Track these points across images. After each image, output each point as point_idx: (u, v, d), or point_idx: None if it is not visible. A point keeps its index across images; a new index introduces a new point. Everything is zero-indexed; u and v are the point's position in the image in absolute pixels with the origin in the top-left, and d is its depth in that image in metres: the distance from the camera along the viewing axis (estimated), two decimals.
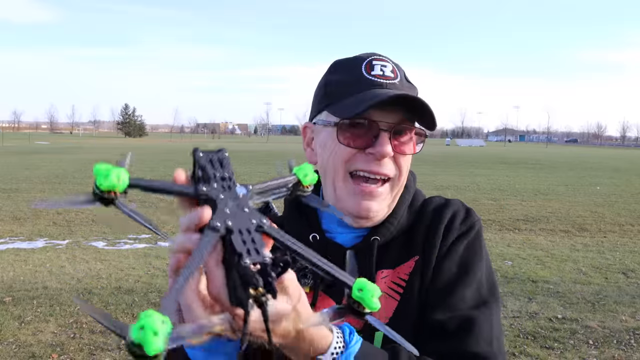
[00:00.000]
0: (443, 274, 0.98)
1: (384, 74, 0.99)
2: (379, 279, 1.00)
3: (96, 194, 0.53)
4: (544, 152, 60.61)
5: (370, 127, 0.95)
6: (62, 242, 8.43)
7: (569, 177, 22.23)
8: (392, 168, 0.98)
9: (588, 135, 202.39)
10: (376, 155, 0.95)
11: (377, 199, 0.97)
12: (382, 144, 0.94)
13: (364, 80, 0.98)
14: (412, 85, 1.04)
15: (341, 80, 1.01)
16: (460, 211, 1.07)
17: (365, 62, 1.01)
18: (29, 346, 4.51)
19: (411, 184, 1.10)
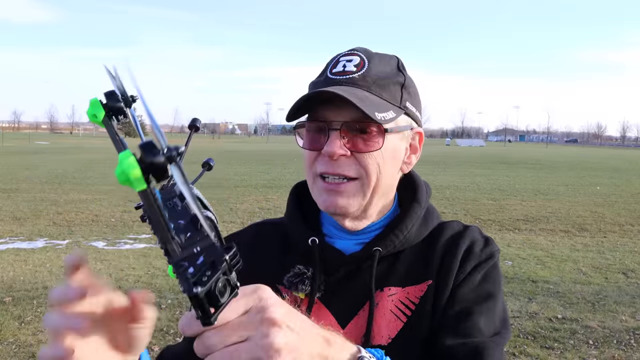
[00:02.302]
0: (458, 299, 0.95)
1: (343, 70, 0.95)
2: (385, 296, 0.96)
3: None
4: (544, 152, 60.60)
5: (322, 127, 0.94)
6: (62, 242, 8.42)
7: (569, 177, 22.23)
8: (353, 168, 0.93)
9: (588, 135, 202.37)
10: (325, 155, 0.93)
11: (343, 194, 0.94)
12: (330, 142, 0.92)
13: (325, 80, 0.97)
14: (391, 74, 0.98)
15: (312, 83, 1.01)
16: (480, 239, 1.02)
17: (333, 61, 0.99)
18: (29, 346, 4.51)
19: (423, 198, 1.05)
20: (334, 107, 0.92)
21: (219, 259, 0.49)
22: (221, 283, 0.50)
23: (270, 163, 27.97)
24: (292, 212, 1.07)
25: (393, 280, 0.98)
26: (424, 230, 1.02)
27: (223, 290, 0.50)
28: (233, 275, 0.51)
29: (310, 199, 1.07)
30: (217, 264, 0.49)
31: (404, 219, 1.00)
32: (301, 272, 0.97)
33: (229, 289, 0.51)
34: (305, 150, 0.98)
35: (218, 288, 0.49)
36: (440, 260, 0.99)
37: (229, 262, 0.50)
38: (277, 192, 14.82)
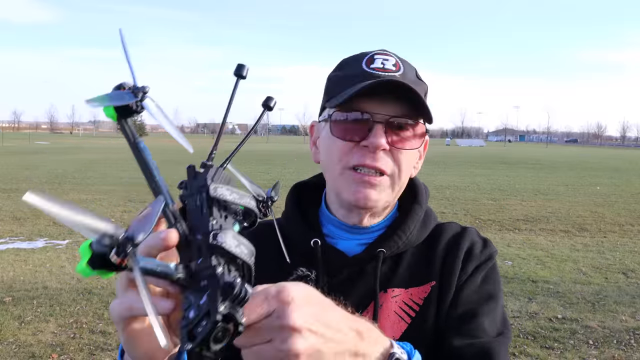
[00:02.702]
0: (462, 301, 0.96)
1: (384, 67, 0.95)
2: (389, 297, 0.96)
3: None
4: (544, 152, 60.60)
5: (365, 120, 0.92)
6: (62, 242, 8.43)
7: (569, 177, 22.23)
8: (390, 164, 0.94)
9: (588, 135, 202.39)
10: (370, 147, 0.91)
11: (376, 188, 0.93)
12: (375, 135, 0.90)
13: (363, 73, 0.95)
14: (419, 82, 0.99)
15: (341, 75, 0.99)
16: (479, 240, 1.04)
17: (367, 57, 0.98)
18: (29, 346, 4.51)
19: (424, 199, 1.07)
20: (377, 101, 0.92)
21: (214, 308, 0.48)
22: (217, 332, 0.48)
23: (270, 163, 27.97)
24: (291, 212, 1.06)
25: (396, 282, 0.98)
26: (424, 232, 1.03)
27: (221, 337, 0.49)
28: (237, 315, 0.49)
29: (310, 199, 1.07)
30: (212, 313, 0.48)
31: (406, 221, 1.01)
32: (304, 275, 0.96)
33: (229, 333, 0.49)
34: (335, 141, 0.94)
35: (214, 338, 0.48)
36: (442, 261, 1.00)
37: (228, 309, 0.48)
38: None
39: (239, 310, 0.49)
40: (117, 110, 0.56)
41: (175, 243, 0.54)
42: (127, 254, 0.44)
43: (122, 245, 0.44)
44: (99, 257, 0.44)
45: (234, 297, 0.49)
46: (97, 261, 0.44)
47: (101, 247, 0.43)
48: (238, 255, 0.52)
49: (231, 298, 0.49)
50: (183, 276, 0.51)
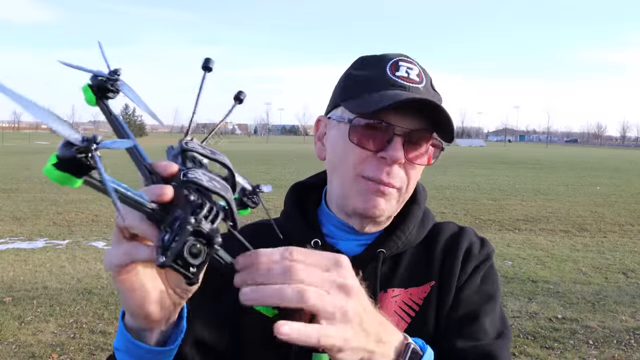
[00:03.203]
0: (463, 302, 0.97)
1: (409, 77, 0.94)
2: (389, 297, 0.97)
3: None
4: (544, 152, 60.61)
5: (385, 130, 0.90)
6: (62, 242, 8.43)
7: (569, 177, 22.23)
8: (402, 178, 0.93)
9: (588, 135, 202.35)
10: (387, 160, 0.90)
11: (386, 198, 0.93)
12: (395, 148, 0.89)
13: (387, 79, 0.93)
14: (437, 93, 1.00)
15: (363, 76, 0.96)
16: (476, 240, 1.05)
17: (391, 62, 0.96)
18: (29, 346, 4.51)
19: (422, 199, 1.07)
20: (399, 111, 0.90)
21: (184, 222, 0.50)
22: (190, 245, 0.50)
23: (270, 163, 27.98)
24: (291, 212, 1.05)
25: (396, 282, 0.98)
26: (422, 232, 1.04)
27: (197, 252, 0.50)
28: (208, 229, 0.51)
29: (309, 198, 1.06)
30: (183, 227, 0.50)
31: (405, 221, 1.01)
32: None
33: (203, 248, 0.51)
34: (353, 147, 0.92)
35: (189, 251, 0.50)
36: (441, 261, 1.01)
37: (199, 222, 0.50)
38: (277, 192, 14.68)
39: (213, 228, 0.51)
40: (94, 92, 0.61)
41: (169, 198, 0.55)
42: (89, 150, 0.45)
43: (87, 142, 0.44)
44: (64, 160, 0.45)
45: (205, 213, 0.51)
46: (63, 164, 0.45)
47: (66, 151, 0.45)
48: (211, 189, 0.54)
49: (203, 214, 0.51)
50: (157, 208, 0.53)
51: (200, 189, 0.54)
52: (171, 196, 0.54)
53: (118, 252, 0.59)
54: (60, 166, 0.45)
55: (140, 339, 0.68)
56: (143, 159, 0.60)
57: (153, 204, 0.53)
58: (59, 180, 0.45)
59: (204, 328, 0.94)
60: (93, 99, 0.62)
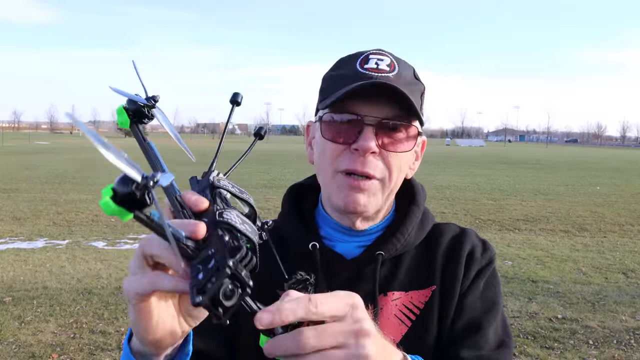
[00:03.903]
0: (466, 309, 0.96)
1: (378, 67, 0.93)
2: (389, 300, 0.96)
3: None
4: (544, 152, 60.61)
5: (356, 122, 0.90)
6: (62, 242, 8.43)
7: (569, 177, 22.23)
8: (380, 167, 0.91)
9: (588, 135, 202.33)
10: (359, 150, 0.89)
11: (365, 193, 0.92)
12: (365, 138, 0.88)
13: (356, 73, 0.93)
14: (415, 82, 0.97)
15: (336, 75, 0.97)
16: (478, 243, 1.04)
17: (362, 56, 0.95)
18: (29, 346, 4.51)
19: (421, 200, 1.05)
20: (367, 102, 0.89)
21: (223, 264, 0.50)
22: (226, 287, 0.50)
23: (270, 163, 27.97)
24: (288, 214, 1.04)
25: (396, 285, 0.97)
26: (421, 233, 1.03)
27: (230, 294, 0.51)
28: (243, 274, 0.52)
29: (306, 200, 1.06)
30: (220, 269, 0.50)
31: (404, 222, 1.00)
32: (303, 279, 0.93)
33: (237, 291, 0.51)
34: (327, 144, 0.93)
35: (223, 293, 0.50)
36: (443, 265, 1.00)
37: (235, 266, 0.51)
38: (277, 192, 14.82)
39: (246, 273, 0.52)
40: (130, 116, 0.62)
41: (202, 236, 0.55)
42: (148, 188, 0.46)
43: (146, 180, 0.46)
44: (121, 195, 0.46)
45: (241, 257, 0.51)
46: (119, 198, 0.46)
47: (124, 186, 0.46)
48: (243, 232, 0.55)
49: (239, 258, 0.51)
50: (192, 244, 0.54)
51: (232, 229, 0.55)
52: (204, 233, 0.55)
53: (142, 281, 0.58)
54: (117, 201, 0.46)
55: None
56: (174, 190, 0.61)
57: (188, 240, 0.54)
58: (114, 213, 0.46)
59: (200, 339, 0.93)
60: (127, 122, 0.63)
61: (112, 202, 0.45)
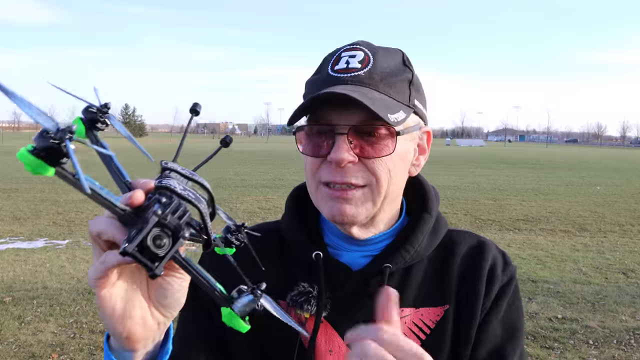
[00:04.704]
0: (489, 336, 0.91)
1: (347, 67, 0.86)
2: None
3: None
4: (544, 152, 60.58)
5: (327, 132, 0.84)
6: (62, 242, 8.42)
7: (569, 177, 22.22)
8: (363, 175, 0.85)
9: (588, 135, 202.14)
10: (330, 162, 0.83)
11: (351, 202, 0.86)
12: (337, 149, 0.82)
13: (326, 78, 0.87)
14: (397, 70, 0.89)
15: (312, 81, 0.91)
16: (499, 258, 0.96)
17: (334, 57, 0.89)
18: (29, 346, 4.51)
19: (434, 206, 0.97)
20: (339, 109, 0.83)
21: (150, 213, 0.51)
22: (154, 235, 0.51)
23: (270, 163, 27.96)
24: (291, 221, 0.99)
25: (405, 300, 0.91)
26: (434, 241, 0.96)
27: (160, 242, 0.51)
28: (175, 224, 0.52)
29: (311, 204, 0.99)
30: (148, 218, 0.51)
31: (414, 232, 0.93)
32: (306, 291, 0.91)
33: (167, 240, 0.51)
34: (307, 157, 0.88)
35: (152, 240, 0.50)
36: (460, 281, 0.94)
37: (164, 215, 0.51)
38: (277, 192, 14.81)
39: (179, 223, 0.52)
40: (85, 124, 0.64)
41: (141, 202, 0.55)
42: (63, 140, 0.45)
43: (62, 132, 0.45)
44: (39, 148, 0.46)
45: (173, 209, 0.52)
46: (38, 151, 0.46)
47: (42, 139, 0.45)
48: (184, 196, 0.54)
49: (170, 210, 0.52)
50: (129, 209, 0.54)
51: (173, 195, 0.55)
52: (142, 199, 0.55)
53: (96, 264, 0.59)
54: (35, 153, 0.45)
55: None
56: (123, 176, 0.61)
57: (124, 206, 0.54)
58: (32, 165, 0.45)
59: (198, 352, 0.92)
60: (83, 131, 0.65)
61: (27, 153, 0.45)
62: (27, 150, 0.45)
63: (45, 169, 0.46)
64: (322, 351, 0.89)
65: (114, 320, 0.61)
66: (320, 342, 0.89)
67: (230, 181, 17.67)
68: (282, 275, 0.94)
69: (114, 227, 0.56)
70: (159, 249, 0.51)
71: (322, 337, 0.89)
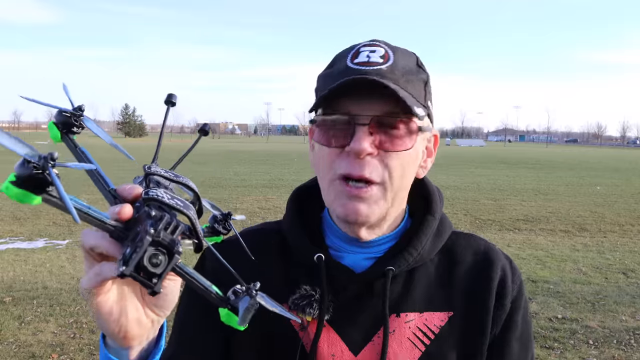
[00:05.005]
0: (511, 356, 0.92)
1: (368, 60, 0.84)
2: (402, 322, 0.89)
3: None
4: (544, 152, 60.57)
5: (347, 122, 0.82)
6: (62, 242, 8.43)
7: (569, 177, 22.22)
8: (379, 170, 0.83)
9: (588, 135, 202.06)
10: (351, 153, 0.82)
11: (366, 202, 0.84)
12: (357, 139, 0.80)
13: (346, 69, 0.85)
14: (415, 70, 0.88)
15: (327, 74, 0.89)
16: (507, 266, 0.96)
17: (353, 50, 0.88)
18: (29, 346, 4.51)
19: (438, 208, 0.96)
20: (359, 99, 0.82)
21: (144, 233, 0.51)
22: (150, 254, 0.51)
23: (270, 163, 27.96)
24: (292, 222, 0.97)
25: (410, 304, 0.91)
26: (437, 243, 0.95)
27: (156, 261, 0.51)
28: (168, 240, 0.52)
29: (311, 205, 0.99)
30: (142, 238, 0.51)
31: (418, 235, 0.92)
32: (308, 294, 0.89)
33: (163, 257, 0.52)
34: (323, 148, 0.86)
35: (148, 260, 0.51)
36: (466, 291, 0.93)
37: (158, 233, 0.51)
38: (277, 192, 14.81)
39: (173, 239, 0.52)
40: (60, 129, 0.64)
41: (129, 216, 0.55)
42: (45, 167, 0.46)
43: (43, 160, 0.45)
44: (22, 177, 0.46)
45: (165, 225, 0.52)
46: (21, 181, 0.46)
47: (23, 169, 0.46)
48: (172, 205, 0.55)
49: (162, 226, 0.52)
50: (119, 225, 0.55)
51: (162, 206, 0.55)
52: (130, 214, 0.55)
53: (90, 275, 0.59)
54: (19, 184, 0.45)
55: (120, 357, 0.68)
56: (107, 184, 0.61)
57: (115, 222, 0.55)
58: (17, 197, 0.45)
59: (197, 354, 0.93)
60: (58, 135, 0.65)
61: (12, 186, 0.45)
62: (10, 182, 0.45)
63: (31, 198, 0.46)
64: (325, 355, 0.88)
65: (110, 323, 0.62)
66: (323, 346, 0.88)
67: (230, 181, 17.67)
68: (283, 277, 0.93)
69: (106, 242, 0.57)
70: (155, 268, 0.51)
71: (324, 341, 0.88)
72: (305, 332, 0.89)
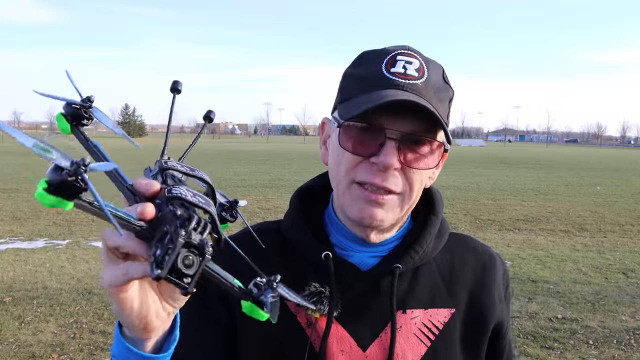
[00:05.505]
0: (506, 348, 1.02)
1: (405, 72, 0.85)
2: (408, 319, 0.91)
3: None
4: (544, 152, 60.59)
5: (377, 133, 0.83)
6: (62, 242, 8.42)
7: (569, 177, 22.23)
8: (400, 183, 0.85)
9: (588, 135, 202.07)
10: (379, 165, 0.83)
11: (384, 207, 0.86)
12: (387, 153, 0.82)
13: (381, 77, 0.85)
14: (443, 87, 0.89)
15: (359, 75, 0.89)
16: (501, 264, 1.03)
17: (388, 57, 0.87)
18: (29, 346, 4.51)
19: (440, 209, 1.00)
20: (392, 113, 0.82)
21: (176, 235, 0.51)
22: (183, 256, 0.51)
23: (270, 163, 27.97)
24: (297, 222, 0.97)
25: (415, 301, 0.93)
26: (439, 243, 0.98)
27: (189, 263, 0.52)
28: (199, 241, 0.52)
29: (314, 205, 0.99)
30: (174, 240, 0.51)
31: (423, 234, 0.95)
32: (317, 292, 0.90)
33: (195, 258, 0.52)
34: (345, 153, 0.86)
35: (182, 262, 0.51)
36: (470, 287, 0.98)
37: (189, 234, 0.51)
38: (277, 192, 14.81)
39: (202, 239, 0.52)
40: (69, 121, 0.63)
41: (153, 216, 0.55)
42: (78, 173, 0.46)
43: (76, 165, 0.46)
44: (54, 184, 0.46)
45: (195, 225, 0.52)
46: (54, 188, 0.46)
47: (56, 175, 0.46)
48: (195, 203, 0.55)
49: (192, 226, 0.52)
50: (145, 225, 0.55)
51: (185, 204, 0.55)
52: (153, 213, 0.55)
53: (116, 273, 0.60)
54: (51, 190, 0.46)
55: (136, 346, 0.69)
56: (124, 180, 0.61)
57: (140, 221, 0.55)
58: (52, 204, 0.46)
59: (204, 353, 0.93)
60: (68, 128, 0.64)
61: (46, 193, 0.45)
62: (44, 189, 0.45)
63: (64, 204, 0.47)
64: (334, 351, 0.89)
65: (133, 317, 0.64)
66: (332, 342, 0.89)
67: (230, 181, 17.67)
68: (285, 276, 0.93)
69: (132, 242, 0.57)
70: (188, 269, 0.52)
71: (333, 338, 0.90)
72: (313, 329, 0.90)
